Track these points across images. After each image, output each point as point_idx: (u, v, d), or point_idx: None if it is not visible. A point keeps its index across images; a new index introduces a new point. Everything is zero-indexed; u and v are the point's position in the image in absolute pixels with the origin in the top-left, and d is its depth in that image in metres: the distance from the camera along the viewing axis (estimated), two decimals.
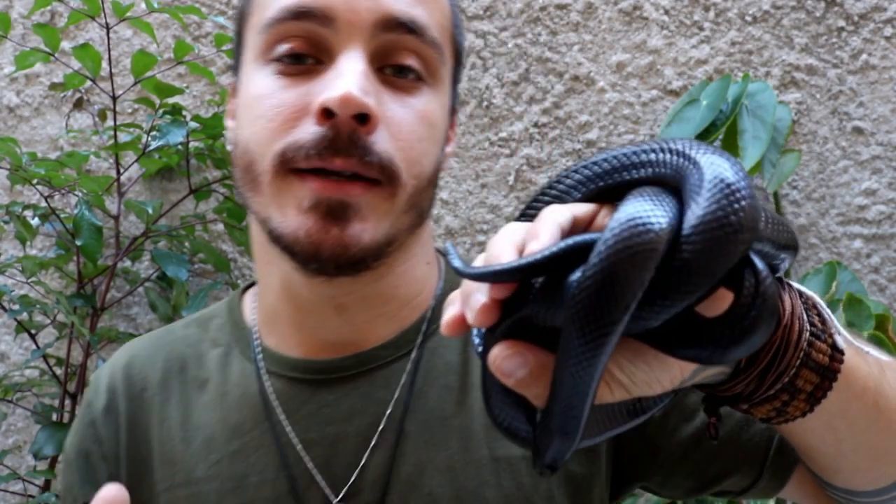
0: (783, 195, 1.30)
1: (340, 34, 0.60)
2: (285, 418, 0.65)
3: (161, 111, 1.21)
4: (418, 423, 0.64)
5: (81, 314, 1.24)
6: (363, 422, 0.65)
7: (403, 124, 0.61)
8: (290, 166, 0.59)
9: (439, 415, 0.64)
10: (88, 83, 1.27)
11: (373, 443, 0.64)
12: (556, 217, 0.40)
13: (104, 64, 1.22)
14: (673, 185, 0.39)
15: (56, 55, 1.21)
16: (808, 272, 1.21)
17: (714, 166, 0.37)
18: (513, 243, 0.40)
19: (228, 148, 0.69)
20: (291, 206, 0.59)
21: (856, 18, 1.30)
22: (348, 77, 0.58)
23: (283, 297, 0.67)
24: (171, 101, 1.23)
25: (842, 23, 1.30)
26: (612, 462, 0.67)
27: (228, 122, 0.70)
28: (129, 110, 1.38)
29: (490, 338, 0.40)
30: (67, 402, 1.21)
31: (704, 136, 1.19)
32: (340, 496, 0.63)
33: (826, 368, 0.44)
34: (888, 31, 1.30)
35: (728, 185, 0.36)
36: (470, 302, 0.39)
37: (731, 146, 1.19)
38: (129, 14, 1.17)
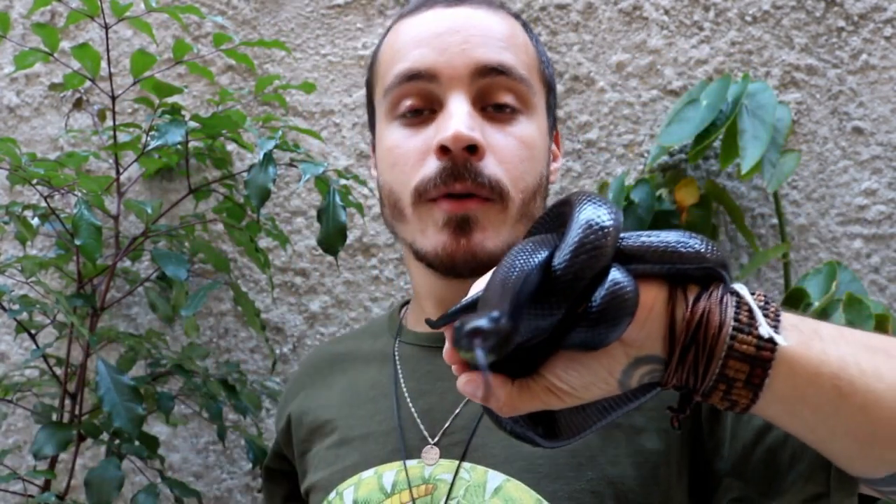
0: (783, 195, 1.30)
1: (445, 86, 0.78)
2: (403, 374, 0.85)
3: (160, 111, 1.21)
4: None
5: (81, 314, 1.23)
6: None
7: (506, 150, 0.78)
8: (424, 197, 0.78)
9: None
10: (88, 83, 1.27)
11: None
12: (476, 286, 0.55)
13: (103, 64, 1.21)
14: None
15: (55, 55, 1.21)
16: (808, 272, 1.21)
17: (585, 212, 0.51)
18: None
19: (374, 190, 0.89)
20: (430, 226, 0.78)
21: (856, 18, 1.30)
22: (456, 118, 0.76)
23: (427, 296, 0.86)
24: (170, 100, 1.23)
25: (842, 23, 1.30)
26: (688, 445, 0.73)
27: (373, 171, 0.91)
28: (129, 110, 1.38)
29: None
30: (67, 402, 1.21)
31: (704, 136, 1.19)
32: (437, 437, 0.78)
33: (754, 357, 0.49)
34: (888, 31, 1.30)
35: (590, 224, 0.50)
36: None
37: (730, 146, 1.18)
38: (128, 13, 1.17)
